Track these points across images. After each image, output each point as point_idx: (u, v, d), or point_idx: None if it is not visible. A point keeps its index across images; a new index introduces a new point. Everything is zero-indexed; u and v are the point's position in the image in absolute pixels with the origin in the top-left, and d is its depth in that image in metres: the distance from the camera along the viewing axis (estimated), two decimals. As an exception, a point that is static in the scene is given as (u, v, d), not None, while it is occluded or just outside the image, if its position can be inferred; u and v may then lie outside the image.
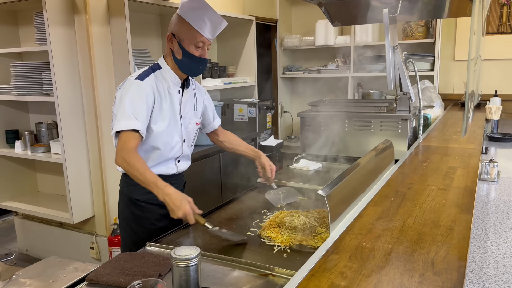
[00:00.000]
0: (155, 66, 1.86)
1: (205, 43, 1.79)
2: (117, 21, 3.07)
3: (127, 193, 1.94)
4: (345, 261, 1.08)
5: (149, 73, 1.81)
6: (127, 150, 1.66)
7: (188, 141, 1.99)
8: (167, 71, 1.85)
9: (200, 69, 1.85)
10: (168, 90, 1.84)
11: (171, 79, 1.86)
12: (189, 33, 1.75)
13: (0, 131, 3.46)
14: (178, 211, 1.56)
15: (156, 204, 1.87)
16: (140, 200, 1.90)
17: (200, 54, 1.80)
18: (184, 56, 1.79)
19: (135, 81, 1.76)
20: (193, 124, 1.99)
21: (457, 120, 3.52)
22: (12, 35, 3.49)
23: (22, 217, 3.75)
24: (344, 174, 1.51)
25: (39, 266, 1.52)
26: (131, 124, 1.68)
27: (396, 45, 2.72)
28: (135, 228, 1.92)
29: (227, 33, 4.50)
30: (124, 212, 1.97)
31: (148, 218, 1.90)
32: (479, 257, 1.49)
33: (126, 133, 1.69)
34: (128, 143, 1.67)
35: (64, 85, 3.01)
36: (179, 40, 1.78)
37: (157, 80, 1.82)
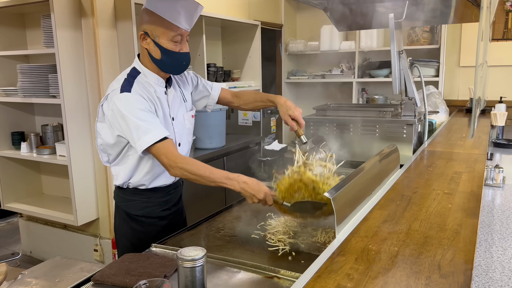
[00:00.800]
0: (133, 73, 1.68)
1: (183, 35, 1.61)
2: (123, 24, 3.09)
3: (125, 208, 1.81)
4: (351, 263, 1.08)
5: (131, 82, 1.63)
6: (179, 160, 1.53)
7: (187, 137, 1.86)
8: (148, 74, 1.67)
9: (184, 65, 1.68)
10: (156, 95, 1.68)
11: (154, 82, 1.68)
12: (163, 28, 1.57)
13: (6, 133, 3.48)
14: (259, 193, 1.49)
15: (156, 217, 1.81)
16: (139, 215, 1.79)
17: (180, 49, 1.62)
18: (163, 54, 1.61)
19: (123, 95, 1.58)
20: (189, 119, 1.85)
21: (462, 126, 3.51)
22: (20, 37, 3.52)
23: (26, 219, 3.77)
24: (350, 177, 1.52)
25: (44, 266, 1.52)
26: (156, 135, 1.54)
27: (401, 50, 2.73)
28: (136, 243, 1.78)
29: (233, 37, 4.53)
30: (122, 227, 1.85)
31: (149, 232, 1.79)
32: (485, 261, 1.49)
33: (159, 146, 1.55)
34: (172, 153, 1.55)
35: (70, 87, 3.03)
36: (153, 37, 1.60)
37: (143, 88, 1.64)
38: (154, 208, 1.80)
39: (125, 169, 1.73)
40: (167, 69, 1.68)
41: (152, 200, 1.80)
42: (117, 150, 1.71)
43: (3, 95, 3.37)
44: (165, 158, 1.55)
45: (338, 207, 1.30)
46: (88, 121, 3.18)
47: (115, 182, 1.80)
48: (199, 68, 3.78)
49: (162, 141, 1.55)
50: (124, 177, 1.75)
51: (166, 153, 1.54)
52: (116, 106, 1.57)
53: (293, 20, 5.60)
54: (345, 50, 5.18)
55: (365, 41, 5.07)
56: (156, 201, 1.81)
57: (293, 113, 1.76)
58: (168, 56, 1.62)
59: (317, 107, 2.93)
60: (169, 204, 1.86)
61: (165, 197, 1.84)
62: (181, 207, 1.98)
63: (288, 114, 1.77)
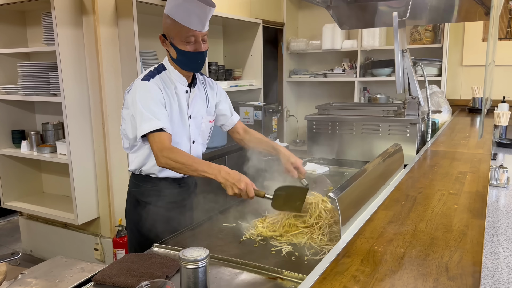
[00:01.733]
0: (160, 68, 1.83)
1: (197, 36, 1.71)
2: (125, 22, 3.07)
3: (135, 194, 1.92)
4: (357, 265, 1.06)
5: (154, 74, 1.78)
6: (166, 149, 1.63)
7: (203, 139, 1.96)
8: (172, 71, 1.82)
9: (199, 64, 1.79)
10: (175, 91, 1.81)
11: (177, 79, 1.82)
12: (177, 30, 1.70)
13: (6, 131, 3.46)
14: (240, 183, 1.52)
15: (164, 207, 1.88)
16: (148, 202, 1.88)
17: (195, 49, 1.73)
18: (178, 54, 1.74)
19: (142, 83, 1.74)
20: (206, 123, 1.95)
21: (465, 125, 3.49)
22: (20, 35, 3.50)
23: (26, 218, 3.75)
24: (354, 178, 1.50)
25: (45, 266, 1.50)
26: (153, 125, 1.66)
27: (405, 49, 2.71)
28: (142, 230, 1.88)
29: (234, 36, 4.51)
30: (131, 213, 1.95)
31: (156, 221, 1.86)
32: (491, 263, 1.47)
33: (154, 135, 1.66)
34: (162, 143, 1.65)
35: (71, 85, 3.01)
36: (170, 39, 1.74)
37: (163, 82, 1.79)
38: (162, 198, 1.88)
39: (139, 157, 1.86)
40: (184, 67, 1.80)
41: (160, 189, 1.89)
42: (134, 137, 1.82)
43: (3, 93, 3.35)
44: (156, 147, 1.65)
45: (343, 208, 1.28)
46: (89, 120, 3.16)
47: (130, 167, 1.93)
48: (201, 66, 3.75)
49: (158, 132, 1.66)
50: (137, 163, 1.88)
51: (158, 141, 1.65)
52: (134, 92, 1.74)
53: (295, 18, 5.58)
54: (347, 49, 5.15)
55: (367, 40, 5.04)
56: (166, 191, 1.89)
57: (295, 162, 1.86)
58: (182, 55, 1.74)
59: (320, 106, 2.91)
60: (177, 197, 1.93)
61: (173, 189, 1.91)
62: (189, 205, 2.01)
63: (290, 162, 1.86)
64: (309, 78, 5.37)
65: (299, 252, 1.44)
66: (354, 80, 5.13)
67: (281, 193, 1.56)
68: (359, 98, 5.19)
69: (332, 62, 5.42)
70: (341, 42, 5.18)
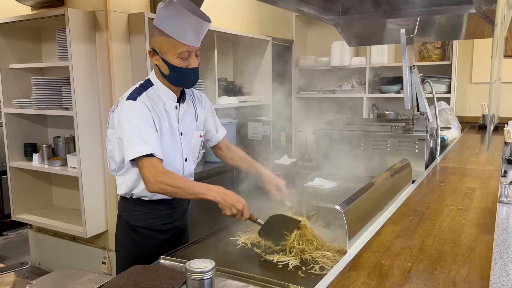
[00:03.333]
0: (146, 84, 1.72)
1: (191, 52, 1.62)
2: (137, 38, 3.13)
3: (126, 218, 1.82)
4: (363, 278, 1.06)
5: (140, 91, 1.67)
6: (159, 173, 1.55)
7: (193, 156, 1.89)
8: (160, 87, 1.71)
9: (192, 80, 1.69)
10: (164, 107, 1.70)
11: (166, 95, 1.72)
12: (170, 45, 1.60)
13: (18, 144, 3.52)
14: (238, 204, 1.53)
15: (157, 230, 1.80)
16: (140, 226, 1.79)
17: (188, 65, 1.63)
18: (171, 70, 1.64)
19: (128, 103, 1.63)
20: (197, 138, 1.86)
21: (474, 142, 3.47)
22: (35, 51, 3.58)
23: (36, 230, 3.78)
24: (361, 191, 1.50)
25: (53, 276, 1.52)
26: (141, 149, 1.56)
27: (413, 66, 2.72)
28: (136, 255, 1.79)
29: (244, 52, 4.57)
30: (122, 238, 1.84)
31: (149, 245, 1.79)
32: (501, 279, 1.45)
33: (144, 160, 1.57)
34: (154, 168, 1.56)
35: (83, 100, 3.06)
36: (161, 54, 1.63)
37: (151, 99, 1.68)
38: (156, 221, 1.80)
39: (129, 180, 1.76)
40: (176, 84, 1.71)
41: (154, 212, 1.80)
42: (121, 159, 1.72)
43: (17, 107, 3.42)
44: (147, 172, 1.56)
45: (350, 221, 1.28)
46: (99, 134, 3.20)
47: (119, 191, 1.82)
48: (210, 82, 3.80)
49: (148, 157, 1.57)
50: (126, 187, 1.78)
51: (148, 167, 1.56)
52: (120, 112, 1.63)
53: (304, 36, 5.64)
54: (355, 66, 5.18)
55: (376, 57, 5.07)
56: (158, 213, 1.80)
57: (277, 184, 1.82)
58: (175, 72, 1.65)
59: (328, 121, 2.92)
60: (171, 218, 1.85)
61: (167, 210, 1.83)
62: (184, 224, 1.95)
63: (273, 184, 1.82)
64: (318, 95, 5.40)
65: (306, 266, 1.44)
66: (362, 96, 5.14)
67: (273, 221, 1.57)
68: (368, 115, 5.20)
69: (341, 79, 5.44)
70: (349, 59, 5.21)
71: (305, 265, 1.45)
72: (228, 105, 3.99)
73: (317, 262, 1.45)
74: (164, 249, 1.71)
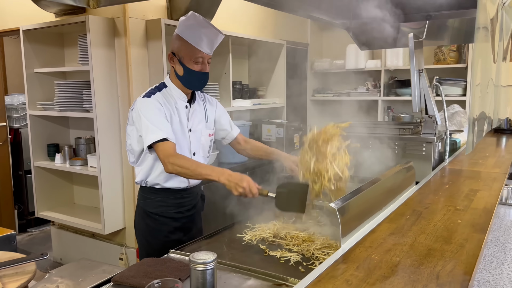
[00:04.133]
0: (161, 85, 1.97)
1: (204, 58, 1.88)
2: (154, 44, 3.26)
3: (143, 206, 2.03)
4: (352, 270, 1.13)
5: (155, 91, 1.92)
6: (171, 156, 1.77)
7: (203, 152, 2.07)
8: (173, 89, 1.95)
9: (202, 83, 1.94)
10: (175, 106, 1.94)
11: (177, 96, 1.95)
12: (188, 50, 1.85)
13: (42, 145, 3.69)
14: (242, 182, 1.64)
15: (170, 217, 2.00)
16: (154, 213, 2.00)
17: (201, 69, 1.89)
18: (185, 72, 1.89)
19: (143, 99, 1.88)
20: (206, 136, 2.06)
21: (487, 145, 3.47)
22: (58, 55, 3.75)
23: (58, 227, 3.95)
24: (358, 190, 1.56)
25: (71, 267, 1.64)
26: (158, 135, 1.79)
27: (421, 69, 2.76)
28: (150, 240, 2.01)
29: (259, 56, 4.65)
30: (139, 224, 2.07)
31: (162, 231, 1.99)
32: (494, 278, 1.49)
33: (159, 144, 1.79)
34: (167, 151, 1.78)
35: (102, 102, 3.20)
36: (179, 57, 1.88)
37: (164, 98, 1.91)
38: (168, 208, 2.00)
39: (144, 169, 1.98)
40: (187, 84, 1.95)
41: (166, 200, 2.00)
42: (139, 151, 1.95)
43: (41, 109, 3.59)
44: (162, 155, 1.78)
45: (344, 218, 1.35)
46: (118, 135, 3.34)
47: (136, 179, 2.04)
48: (225, 85, 3.90)
49: (163, 141, 1.79)
50: (142, 175, 1.99)
51: (163, 149, 1.78)
52: (137, 108, 1.88)
53: (319, 39, 5.70)
54: (370, 69, 5.22)
55: (391, 60, 5.10)
56: (170, 201, 2.01)
57: (295, 159, 1.98)
58: (189, 74, 1.90)
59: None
60: (182, 207, 2.04)
61: (178, 200, 2.02)
62: (195, 216, 2.12)
63: (291, 160, 2.00)
64: (333, 97, 5.45)
65: (306, 262, 1.51)
66: (378, 99, 5.17)
67: (283, 190, 1.66)
68: (383, 117, 5.22)
69: (356, 82, 5.48)
70: (364, 62, 5.25)
71: (306, 261, 1.53)
72: (242, 108, 4.09)
73: (318, 258, 1.52)
74: (176, 236, 1.95)
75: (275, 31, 4.78)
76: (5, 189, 4.51)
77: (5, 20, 3.97)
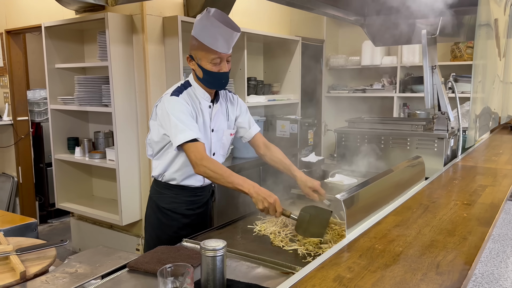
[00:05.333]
0: (186, 84, 1.95)
1: (222, 58, 1.85)
2: (171, 41, 3.33)
3: (156, 199, 2.05)
4: (355, 258, 1.18)
5: (182, 90, 1.91)
6: (204, 159, 1.76)
7: (223, 151, 2.09)
8: (197, 88, 1.94)
9: (223, 83, 1.92)
10: (200, 106, 1.94)
11: (201, 96, 1.94)
12: (204, 52, 1.83)
13: (63, 138, 3.81)
14: (270, 197, 1.65)
15: (181, 213, 2.03)
16: (166, 208, 2.02)
17: (219, 69, 1.86)
18: (204, 74, 1.87)
19: (172, 98, 1.87)
20: (227, 136, 2.07)
21: (501, 142, 3.46)
22: (78, 51, 3.86)
23: (77, 218, 4.07)
24: (365, 183, 1.60)
25: (88, 253, 1.72)
26: (187, 135, 1.78)
27: (435, 65, 2.77)
28: (159, 234, 2.03)
29: (274, 52, 4.70)
30: (150, 217, 2.09)
31: (172, 226, 2.02)
32: (498, 271, 1.52)
33: (190, 145, 1.78)
34: (200, 152, 1.77)
35: (121, 97, 3.29)
36: (197, 60, 1.87)
37: (189, 97, 1.91)
38: (180, 205, 2.03)
39: (162, 163, 1.99)
40: (209, 85, 1.94)
41: (179, 197, 2.03)
42: (160, 146, 1.97)
43: (61, 104, 3.71)
44: (193, 155, 1.78)
45: (350, 210, 1.39)
46: (136, 129, 3.43)
47: (153, 173, 2.05)
48: (240, 81, 3.96)
49: (193, 141, 1.78)
50: (160, 169, 2.00)
51: (195, 151, 1.78)
52: (165, 106, 1.86)
53: (335, 35, 5.70)
54: (386, 65, 5.20)
55: (407, 56, 5.08)
56: (183, 198, 2.03)
57: (313, 185, 1.93)
58: (208, 75, 1.88)
59: (350, 120, 3.02)
60: (194, 205, 2.07)
61: (191, 197, 2.05)
62: (205, 214, 2.16)
63: (308, 186, 1.94)
64: (348, 94, 5.45)
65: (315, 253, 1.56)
66: (393, 95, 5.16)
67: (306, 214, 1.67)
68: (399, 114, 5.21)
69: (371, 78, 5.47)
70: (380, 58, 5.24)
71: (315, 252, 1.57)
72: (257, 104, 4.14)
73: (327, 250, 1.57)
74: (184, 232, 1.95)
75: (290, 28, 4.82)
76: (27, 181, 4.67)
77: (27, 17, 4.10)
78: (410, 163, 2.05)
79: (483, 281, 1.28)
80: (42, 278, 1.46)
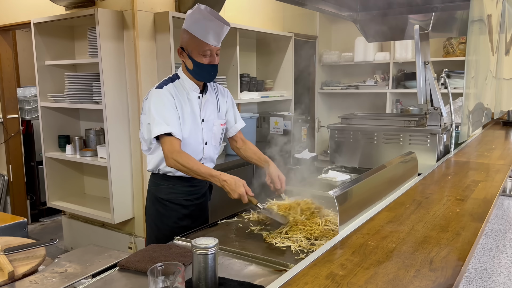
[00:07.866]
0: (174, 77, 2.02)
1: (212, 50, 1.92)
2: (162, 36, 3.30)
3: (154, 191, 2.10)
4: (347, 255, 1.17)
5: (167, 82, 1.98)
6: (175, 152, 1.83)
7: (215, 141, 2.12)
8: (185, 80, 2.00)
9: (212, 75, 1.99)
10: (187, 96, 1.99)
11: (190, 87, 2.00)
12: (196, 44, 1.89)
13: (53, 136, 3.77)
14: (234, 193, 1.73)
15: (179, 204, 2.06)
16: (164, 199, 2.06)
17: (209, 61, 1.93)
18: (195, 65, 1.93)
19: (155, 90, 1.94)
20: (218, 126, 2.12)
21: (494, 138, 3.47)
22: (68, 48, 3.82)
23: (68, 217, 4.03)
24: (358, 179, 1.59)
25: (78, 252, 1.70)
26: (162, 129, 1.85)
27: (427, 61, 2.76)
28: (159, 225, 2.08)
29: (267, 48, 4.68)
30: (150, 209, 2.14)
31: (171, 217, 2.05)
32: (491, 266, 1.52)
33: (165, 138, 1.86)
34: (172, 146, 1.84)
35: (112, 94, 3.26)
36: (188, 52, 1.93)
37: (176, 89, 1.97)
38: (178, 195, 2.06)
39: (156, 157, 2.04)
40: (198, 77, 2.00)
41: (177, 187, 2.07)
42: (150, 140, 1.99)
43: (52, 101, 3.67)
44: (166, 149, 1.86)
45: (342, 206, 1.38)
46: (127, 126, 3.40)
47: (148, 167, 2.11)
48: (232, 78, 3.93)
49: (168, 136, 1.86)
50: (154, 164, 2.06)
51: (168, 145, 1.85)
52: (149, 99, 1.94)
53: (328, 31, 5.69)
54: (379, 61, 5.20)
55: (400, 52, 5.08)
56: (180, 189, 2.07)
57: (281, 178, 2.02)
58: (198, 67, 1.94)
59: (342, 116, 3.01)
60: (192, 195, 2.10)
61: (188, 188, 2.08)
62: (203, 205, 2.19)
63: (277, 175, 2.02)
64: (341, 90, 5.45)
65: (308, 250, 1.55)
66: (386, 92, 5.16)
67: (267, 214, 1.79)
68: (392, 110, 5.21)
69: (364, 74, 5.47)
70: (373, 54, 5.23)
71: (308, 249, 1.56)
72: (250, 100, 4.12)
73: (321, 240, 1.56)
74: (184, 222, 2.02)
75: (283, 24, 4.79)
76: (18, 179, 4.62)
77: (17, 14, 4.05)
78: (403, 159, 2.04)
79: (476, 277, 1.28)
80: (31, 278, 1.44)
